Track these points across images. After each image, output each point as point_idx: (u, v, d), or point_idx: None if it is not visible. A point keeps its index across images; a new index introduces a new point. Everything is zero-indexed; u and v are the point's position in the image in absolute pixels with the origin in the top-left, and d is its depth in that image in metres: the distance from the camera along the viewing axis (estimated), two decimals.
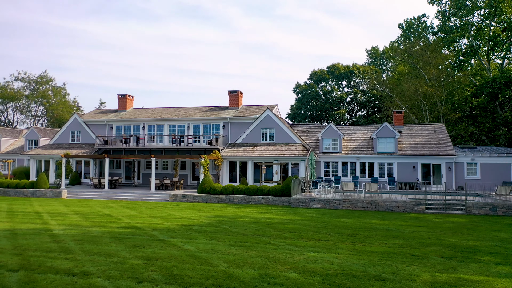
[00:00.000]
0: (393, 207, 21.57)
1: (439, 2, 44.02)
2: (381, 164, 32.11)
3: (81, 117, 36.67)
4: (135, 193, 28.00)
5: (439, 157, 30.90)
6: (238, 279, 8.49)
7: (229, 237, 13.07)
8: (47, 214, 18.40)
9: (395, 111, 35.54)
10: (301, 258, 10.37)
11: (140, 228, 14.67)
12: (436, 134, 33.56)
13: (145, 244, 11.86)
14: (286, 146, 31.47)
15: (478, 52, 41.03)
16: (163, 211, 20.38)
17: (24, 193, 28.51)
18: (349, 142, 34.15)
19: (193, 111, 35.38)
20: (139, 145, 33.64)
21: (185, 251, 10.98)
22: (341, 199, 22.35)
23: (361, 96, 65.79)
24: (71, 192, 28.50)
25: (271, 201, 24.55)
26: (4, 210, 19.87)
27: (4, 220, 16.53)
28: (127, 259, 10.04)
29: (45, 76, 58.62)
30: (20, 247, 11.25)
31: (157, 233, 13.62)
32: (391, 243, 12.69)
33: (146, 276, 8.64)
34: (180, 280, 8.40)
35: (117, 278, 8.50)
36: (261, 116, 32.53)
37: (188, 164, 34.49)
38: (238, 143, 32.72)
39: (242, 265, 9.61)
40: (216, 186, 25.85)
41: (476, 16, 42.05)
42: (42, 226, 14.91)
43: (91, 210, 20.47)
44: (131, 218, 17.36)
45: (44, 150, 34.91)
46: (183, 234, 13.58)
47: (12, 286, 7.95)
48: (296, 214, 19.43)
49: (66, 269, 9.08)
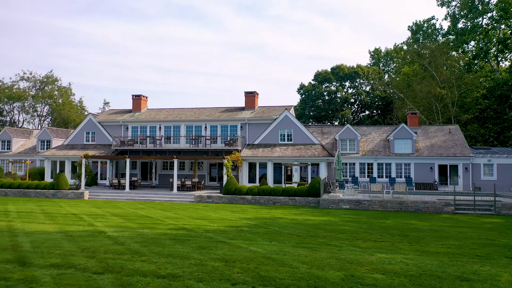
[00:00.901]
0: (423, 207, 21.81)
1: (449, 4, 44.52)
2: (398, 165, 32.40)
3: (96, 117, 36.46)
4: (157, 194, 27.93)
5: (456, 158, 31.26)
6: (328, 280, 8.59)
7: (286, 239, 13.16)
8: (86, 216, 18.33)
9: (409, 113, 35.87)
10: (373, 259, 10.50)
11: (191, 230, 14.69)
12: (452, 135, 33.94)
13: (210, 246, 11.90)
14: (305, 147, 31.62)
15: (488, 54, 41.59)
16: (198, 212, 20.39)
17: (44, 194, 28.30)
18: (365, 143, 34.40)
19: (209, 112, 35.38)
20: (156, 145, 33.55)
21: (255, 252, 11.04)
22: (370, 200, 22.54)
23: (365, 97, 66.22)
24: (92, 193, 28.36)
25: (297, 202, 24.67)
26: (38, 212, 19.74)
27: (47, 221, 16.44)
28: (204, 261, 10.08)
29: (51, 76, 58.16)
30: (88, 250, 11.23)
31: (212, 235, 13.67)
32: (446, 243, 12.87)
33: (236, 277, 8.70)
34: (273, 281, 8.47)
35: (208, 280, 8.54)
36: (279, 117, 32.64)
37: (205, 165, 34.48)
38: (256, 144, 32.80)
39: (322, 266, 9.71)
40: (242, 187, 25.90)
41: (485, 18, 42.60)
42: (91, 228, 14.86)
43: (124, 211, 20.41)
44: (173, 220, 17.36)
45: (59, 151, 34.67)
46: (239, 235, 13.64)
47: None
48: (331, 215, 19.56)
49: (152, 272, 9.11)
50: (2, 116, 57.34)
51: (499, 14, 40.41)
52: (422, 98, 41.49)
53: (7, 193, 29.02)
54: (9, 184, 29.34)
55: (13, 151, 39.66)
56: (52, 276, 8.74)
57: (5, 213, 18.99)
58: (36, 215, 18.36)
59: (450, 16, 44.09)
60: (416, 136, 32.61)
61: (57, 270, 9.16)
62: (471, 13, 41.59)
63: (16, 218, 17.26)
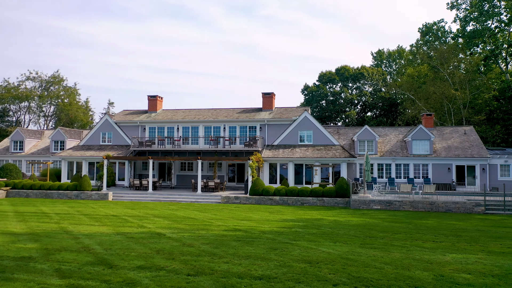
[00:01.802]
0: (453, 208, 22.15)
1: (459, 7, 45.13)
2: (416, 166, 32.79)
3: (112, 118, 36.30)
4: (181, 195, 27.93)
5: (474, 159, 31.74)
6: (423, 280, 8.76)
7: (347, 240, 13.32)
8: (129, 217, 18.31)
9: (425, 114, 36.27)
10: (448, 259, 10.70)
11: (246, 231, 14.78)
12: (467, 136, 34.42)
13: (279, 247, 12.01)
14: (325, 148, 31.82)
15: (498, 57, 42.29)
16: (235, 213, 20.48)
17: (67, 195, 28.13)
18: (382, 144, 34.75)
19: (227, 113, 35.44)
20: (175, 146, 33.51)
21: (329, 254, 11.18)
22: (401, 201, 22.82)
23: (369, 97, 66.74)
24: (115, 194, 28.25)
25: (325, 203, 24.87)
26: (75, 213, 19.65)
27: (95, 223, 16.41)
28: (287, 262, 10.20)
29: (58, 76, 57.65)
30: (162, 251, 11.27)
31: (271, 236, 13.78)
32: (504, 243, 13.13)
33: (331, 278, 8.83)
34: (370, 282, 8.61)
35: (306, 281, 8.65)
36: (299, 118, 32.82)
37: (224, 166, 34.53)
38: (276, 144, 32.94)
39: (406, 267, 9.88)
40: (269, 188, 26.03)
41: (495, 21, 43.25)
42: (145, 230, 14.88)
43: (160, 212, 20.42)
44: (218, 221, 17.42)
45: (76, 152, 34.46)
46: (298, 237, 13.77)
47: None
48: (368, 216, 19.78)
49: (244, 273, 9.18)
50: (9, 117, 56.77)
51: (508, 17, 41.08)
52: (435, 99, 41.99)
53: (28, 194, 28.79)
54: (30, 185, 29.10)
55: (26, 152, 39.30)
56: (149, 278, 8.79)
57: (45, 215, 18.88)
58: (78, 217, 18.29)
59: (462, 19, 44.63)
60: (434, 137, 33.01)
61: (148, 272, 9.21)
62: (482, 16, 42.20)
63: (61, 220, 17.19)
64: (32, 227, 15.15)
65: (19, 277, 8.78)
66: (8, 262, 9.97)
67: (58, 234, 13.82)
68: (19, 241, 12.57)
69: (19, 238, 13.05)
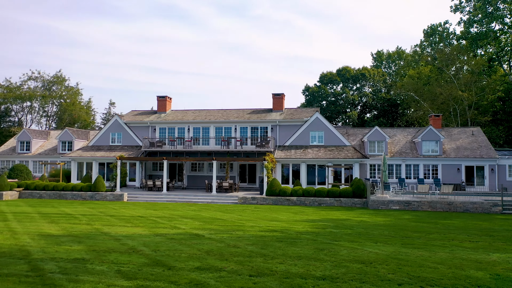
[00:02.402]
0: (471, 208, 22.48)
1: (463, 10, 45.71)
2: (426, 166, 33.17)
3: (122, 118, 36.19)
4: (197, 195, 27.96)
5: (483, 160, 32.19)
6: (481, 280, 8.94)
7: (386, 240, 13.48)
8: (158, 219, 18.32)
9: (433, 115, 36.69)
10: (495, 259, 10.92)
11: (282, 232, 14.89)
12: (475, 137, 34.89)
13: (324, 247, 12.13)
14: (336, 148, 32.05)
15: (502, 58, 42.92)
16: (261, 214, 20.58)
17: (82, 196, 28.02)
18: (392, 144, 35.08)
19: (237, 113, 35.52)
20: (186, 147, 33.53)
21: (377, 254, 11.33)
22: (419, 201, 23.10)
23: (370, 98, 67.23)
24: (130, 195, 28.19)
25: (343, 203, 25.07)
26: (100, 214, 19.61)
27: (127, 224, 16.41)
28: (340, 262, 10.32)
29: (60, 76, 57.21)
30: (212, 252, 11.33)
31: (310, 236, 13.91)
32: None
33: (393, 278, 8.95)
34: (432, 281, 8.75)
35: (370, 281, 8.78)
36: (310, 119, 33.01)
37: (235, 166, 34.61)
38: (288, 145, 33.10)
39: (459, 266, 10.06)
40: (286, 188, 26.17)
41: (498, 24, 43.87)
42: (182, 231, 14.92)
43: (184, 213, 20.45)
44: (248, 222, 17.51)
45: (86, 152, 34.31)
46: (337, 237, 13.91)
47: None
48: (392, 217, 20.00)
49: (305, 274, 9.27)
50: (11, 117, 56.16)
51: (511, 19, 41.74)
52: (443, 100, 42.45)
53: (41, 195, 28.61)
54: (43, 186, 28.92)
55: (33, 152, 39.00)
56: (214, 279, 8.86)
57: (71, 216, 18.82)
58: (106, 218, 18.26)
59: (466, 22, 45.15)
60: (444, 138, 33.39)
61: (210, 273, 9.28)
62: (486, 18, 42.78)
63: (91, 221, 17.15)
64: (67, 229, 15.11)
65: (85, 278, 8.80)
66: (64, 264, 9.98)
67: (97, 235, 13.81)
68: (63, 242, 12.56)
69: (61, 239, 13.03)
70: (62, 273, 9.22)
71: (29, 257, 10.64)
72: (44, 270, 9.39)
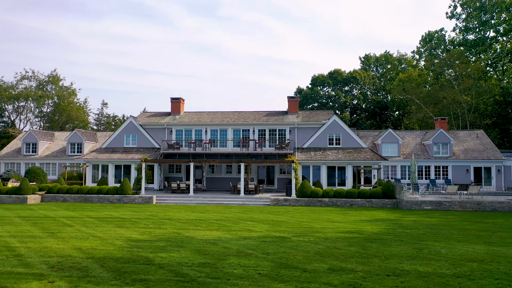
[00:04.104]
0: (499, 207, 23.83)
1: (459, 17, 47.90)
2: (437, 167, 34.64)
3: (136, 120, 35.80)
4: (226, 197, 28.15)
5: (490, 161, 33.94)
6: None
7: (466, 238, 14.29)
8: (224, 221, 18.46)
9: (439, 118, 38.32)
10: None
11: (359, 232, 15.44)
12: (480, 139, 36.72)
13: (423, 247, 12.75)
14: (354, 150, 32.97)
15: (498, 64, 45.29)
16: (309, 215, 21.06)
17: (109, 199, 27.64)
18: (402, 146, 36.37)
19: (254, 116, 35.87)
20: (204, 149, 33.60)
21: (476, 252, 12.07)
22: (450, 201, 24.26)
23: (362, 100, 69.03)
24: (158, 198, 28.05)
25: (374, 204, 25.94)
26: (157, 218, 19.55)
27: (200, 228, 16.53)
28: (456, 261, 10.96)
29: (56, 76, 55.45)
30: (321, 254, 11.75)
31: (390, 237, 14.52)
32: None
33: None
34: None
35: (504, 279, 9.50)
36: (328, 121, 33.80)
37: (253, 168, 34.93)
38: (306, 147, 33.75)
39: None
40: (317, 190, 26.78)
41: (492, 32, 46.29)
42: (262, 233, 15.19)
43: (236, 215, 20.66)
44: (314, 223, 17.98)
45: (101, 154, 33.76)
46: (416, 237, 14.59)
47: None
48: (436, 217, 20.94)
49: (438, 273, 9.87)
50: (4, 117, 53.97)
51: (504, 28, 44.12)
52: (445, 104, 44.31)
53: (65, 199, 28.02)
54: (67, 189, 28.34)
55: (40, 154, 37.90)
56: (360, 279, 9.31)
57: (128, 220, 18.69)
58: (168, 222, 18.25)
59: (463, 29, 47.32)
60: (454, 140, 34.96)
61: (347, 274, 9.68)
62: (481, 25, 45.05)
63: (160, 225, 17.13)
64: (145, 233, 15.09)
65: (239, 282, 9.03)
66: (199, 268, 10.13)
67: (187, 239, 13.90)
68: (163, 247, 12.59)
69: (156, 244, 13.06)
70: (209, 277, 9.42)
71: (153, 262, 10.71)
72: (189, 275, 9.54)
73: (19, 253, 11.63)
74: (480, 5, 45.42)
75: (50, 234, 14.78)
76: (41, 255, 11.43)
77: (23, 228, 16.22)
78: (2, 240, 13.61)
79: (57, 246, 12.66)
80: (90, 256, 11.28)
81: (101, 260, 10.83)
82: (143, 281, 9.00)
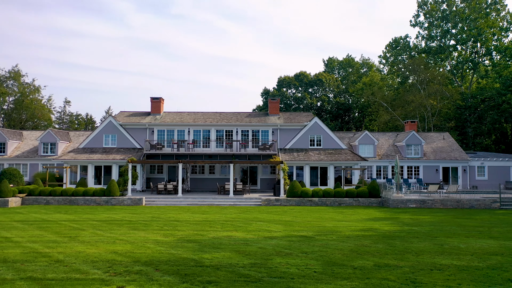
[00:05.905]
0: (475, 204, 25.82)
1: (422, 25, 50.88)
2: (409, 167, 36.69)
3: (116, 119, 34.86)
4: (216, 198, 28.21)
5: (457, 161, 36.46)
6: None
7: (477, 234, 15.55)
8: (237, 222, 18.63)
9: (409, 121, 40.57)
10: None
11: (375, 231, 16.27)
12: (446, 141, 39.30)
13: (442, 243, 13.76)
14: (335, 151, 34.18)
15: (461, 71, 48.68)
16: (308, 214, 21.73)
17: (96, 201, 26.82)
18: (377, 147, 38.13)
19: (236, 117, 36.10)
20: (188, 150, 33.42)
21: (491, 246, 13.24)
22: (433, 200, 25.95)
23: (326, 102, 71.17)
24: (147, 199, 27.60)
25: (361, 203, 27.15)
26: (162, 220, 19.38)
27: (219, 229, 16.66)
28: (481, 255, 12.01)
29: (17, 71, 52.15)
30: (356, 252, 12.41)
31: (404, 234, 15.47)
32: None
33: None
34: None
35: None
36: (310, 123, 34.77)
37: (237, 169, 35.15)
38: (289, 148, 34.51)
39: None
40: (307, 190, 27.57)
41: (452, 40, 49.67)
42: (282, 234, 15.59)
43: (239, 216, 20.91)
44: (324, 222, 18.65)
45: (80, 155, 32.58)
46: (427, 233, 15.65)
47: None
48: (430, 214, 22.35)
49: (475, 266, 10.86)
50: None
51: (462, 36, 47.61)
52: (413, 107, 46.90)
53: (49, 201, 26.83)
54: (49, 191, 27.14)
55: (9, 155, 35.81)
56: (416, 274, 10.04)
57: (137, 223, 18.41)
58: (178, 224, 18.20)
59: (427, 37, 50.39)
60: (424, 142, 37.17)
61: (396, 270, 10.42)
62: (443, 34, 48.25)
63: (178, 227, 17.05)
64: (169, 235, 15.04)
65: (305, 281, 9.45)
66: (259, 269, 10.42)
67: (214, 240, 14.04)
68: (200, 249, 12.70)
69: (191, 246, 13.10)
70: (271, 276, 9.74)
71: (203, 263, 10.81)
72: (252, 275, 9.78)
73: (58, 259, 11.30)
74: (442, 16, 48.61)
75: (70, 238, 14.35)
76: (83, 260, 11.19)
77: (33, 232, 15.58)
78: (24, 245, 13.08)
79: (90, 250, 12.40)
80: (135, 260, 11.19)
81: (151, 264, 10.80)
82: (213, 283, 9.16)
